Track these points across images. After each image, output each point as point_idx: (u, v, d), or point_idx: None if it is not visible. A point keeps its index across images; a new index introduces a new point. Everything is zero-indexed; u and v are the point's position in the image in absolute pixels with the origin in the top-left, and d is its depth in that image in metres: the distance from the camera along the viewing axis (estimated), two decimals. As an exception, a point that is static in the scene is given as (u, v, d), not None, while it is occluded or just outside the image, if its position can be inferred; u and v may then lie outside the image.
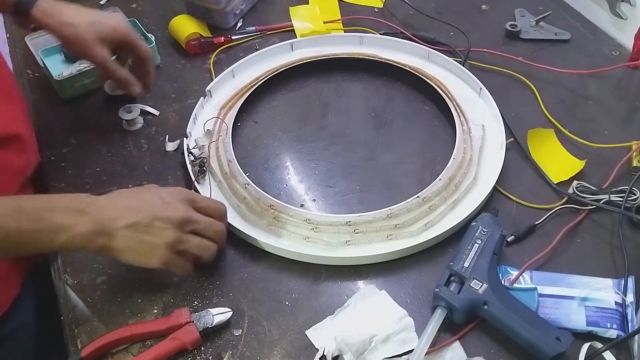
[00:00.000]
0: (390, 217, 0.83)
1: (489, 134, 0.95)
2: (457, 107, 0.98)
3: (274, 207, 0.84)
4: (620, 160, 0.90)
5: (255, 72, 1.05)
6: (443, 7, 1.22)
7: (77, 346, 0.73)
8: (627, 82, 1.06)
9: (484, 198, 0.86)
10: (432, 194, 0.85)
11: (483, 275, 0.74)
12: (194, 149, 0.91)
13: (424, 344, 0.70)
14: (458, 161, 0.90)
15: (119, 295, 0.78)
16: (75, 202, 0.69)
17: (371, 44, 1.11)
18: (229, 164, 0.89)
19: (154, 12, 1.19)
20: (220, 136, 0.93)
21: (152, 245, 0.70)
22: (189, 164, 0.89)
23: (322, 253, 0.80)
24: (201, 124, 0.96)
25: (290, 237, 0.82)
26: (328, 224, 0.82)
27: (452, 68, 1.06)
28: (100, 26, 0.88)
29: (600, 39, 1.15)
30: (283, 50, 1.09)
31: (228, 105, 0.99)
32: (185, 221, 0.72)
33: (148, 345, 0.73)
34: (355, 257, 0.80)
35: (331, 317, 0.76)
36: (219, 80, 1.02)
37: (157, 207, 0.71)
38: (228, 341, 0.74)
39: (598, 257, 0.82)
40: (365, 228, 0.82)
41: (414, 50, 1.09)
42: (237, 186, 0.87)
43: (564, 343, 0.68)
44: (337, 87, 1.07)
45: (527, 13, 1.19)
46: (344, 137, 0.99)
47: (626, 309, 0.74)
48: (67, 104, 1.02)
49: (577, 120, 0.99)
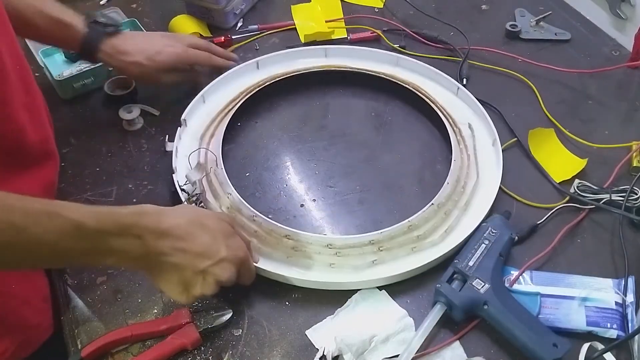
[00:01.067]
0: (412, 228, 0.81)
1: (477, 132, 0.95)
2: (442, 109, 0.98)
3: (290, 237, 0.80)
4: (620, 161, 0.90)
5: (225, 94, 1.01)
6: (443, 7, 1.22)
7: (77, 346, 0.73)
8: (627, 82, 1.06)
9: (495, 196, 0.85)
10: (444, 199, 0.85)
11: (486, 275, 0.74)
12: (185, 185, 0.86)
13: (419, 336, 0.71)
14: (459, 163, 0.89)
15: (119, 295, 0.78)
16: (135, 225, 0.65)
17: (337, 54, 1.08)
18: (229, 196, 0.84)
19: (154, 12, 1.19)
20: (211, 167, 0.88)
21: (188, 290, 0.69)
22: (185, 201, 0.84)
23: (350, 279, 0.78)
24: (183, 156, 0.90)
25: (314, 265, 0.79)
26: (351, 246, 0.79)
27: (424, 72, 1.05)
28: (163, 57, 0.95)
29: (600, 39, 1.15)
30: (249, 69, 1.05)
31: (208, 133, 0.94)
32: (227, 281, 0.71)
33: (148, 345, 0.73)
34: (385, 277, 0.77)
35: (331, 317, 0.75)
36: (191, 108, 0.97)
37: (211, 258, 0.69)
38: (228, 341, 0.74)
39: (598, 257, 0.82)
40: (389, 245, 0.80)
41: (382, 58, 1.07)
42: (243, 219, 0.82)
43: (560, 350, 0.68)
44: (309, 100, 1.05)
45: (527, 13, 1.19)
46: (344, 137, 0.99)
47: (626, 309, 0.74)
48: (67, 104, 1.02)
49: (578, 120, 0.99)
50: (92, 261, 0.69)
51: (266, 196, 0.90)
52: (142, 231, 0.65)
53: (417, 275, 0.79)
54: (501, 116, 0.99)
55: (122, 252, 0.65)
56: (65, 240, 0.62)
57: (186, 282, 0.69)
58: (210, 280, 0.69)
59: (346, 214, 0.87)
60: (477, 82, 1.04)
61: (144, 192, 0.89)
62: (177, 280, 0.69)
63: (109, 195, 0.89)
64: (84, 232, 0.62)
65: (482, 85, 1.03)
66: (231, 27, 1.16)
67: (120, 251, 0.65)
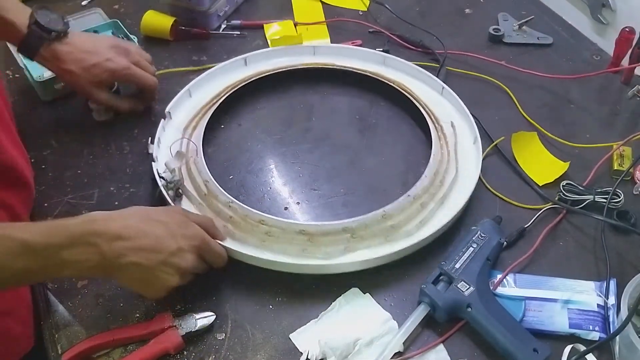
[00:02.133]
0: (385, 218, 0.82)
1: (459, 130, 0.96)
2: (425, 107, 0.98)
3: (265, 222, 0.81)
4: (601, 164, 0.91)
5: (212, 89, 1.01)
6: (427, 11, 1.23)
7: (57, 351, 0.72)
8: (608, 86, 1.08)
9: (471, 191, 0.86)
10: (420, 191, 0.85)
11: (472, 278, 0.75)
12: (164, 173, 0.86)
13: (401, 334, 0.71)
14: (438, 157, 0.90)
15: (100, 300, 0.77)
16: (86, 234, 0.66)
17: (325, 53, 1.08)
18: (206, 183, 0.86)
19: (136, 14, 1.18)
20: (192, 157, 0.90)
21: (154, 286, 0.71)
22: (163, 188, 0.84)
23: (322, 262, 0.78)
24: (165, 147, 0.91)
25: (287, 250, 0.79)
26: (324, 234, 0.80)
27: (411, 71, 1.06)
28: (98, 71, 0.91)
29: (581, 43, 1.16)
30: (237, 65, 1.05)
31: (192, 125, 0.95)
32: (191, 270, 0.73)
33: (130, 350, 0.72)
34: (357, 261, 0.78)
35: (315, 320, 0.75)
36: (177, 101, 0.98)
37: (166, 250, 0.69)
38: (211, 345, 0.73)
39: (581, 259, 0.82)
40: (362, 233, 0.81)
41: (369, 57, 1.07)
42: (219, 206, 0.83)
43: (540, 355, 0.69)
44: (294, 101, 1.06)
45: (510, 17, 1.20)
46: (328, 140, 0.99)
47: (608, 311, 0.75)
48: (47, 106, 1.01)
49: (560, 123, 1.00)
50: (51, 276, 0.72)
51: (250, 199, 0.89)
52: (94, 238, 0.66)
53: (402, 278, 0.79)
54: (478, 122, 0.98)
55: (77, 262, 0.65)
56: (19, 261, 0.62)
57: (149, 278, 0.70)
58: (172, 271, 0.70)
59: (330, 217, 0.87)
60: (456, 87, 1.03)
61: (125, 195, 0.89)
62: (140, 278, 0.69)
63: (90, 198, 0.88)
64: (34, 249, 0.62)
65: (461, 90, 1.03)
66: (214, 29, 1.16)
67: (74, 262, 0.65)
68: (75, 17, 1.14)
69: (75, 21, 1.13)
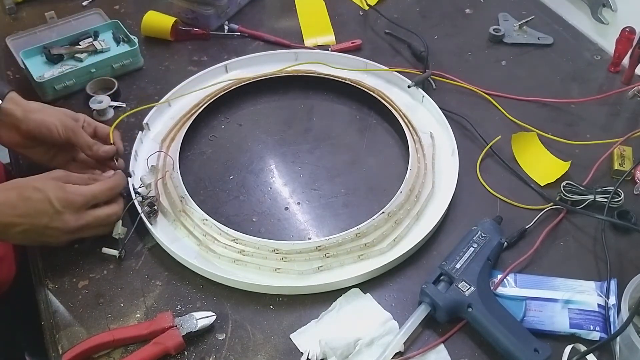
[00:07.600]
0: (359, 236, 0.81)
1: (437, 141, 0.95)
2: (404, 117, 0.98)
3: (239, 241, 0.80)
4: (600, 162, 0.91)
5: (191, 98, 1.00)
6: (427, 11, 1.23)
7: (58, 351, 0.72)
8: (608, 86, 1.07)
9: (446, 207, 0.85)
10: (396, 208, 0.84)
11: (472, 278, 0.75)
12: (140, 187, 0.85)
13: (401, 335, 0.71)
14: (415, 172, 0.89)
15: (101, 300, 0.77)
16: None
17: (307, 59, 1.07)
18: (182, 200, 0.84)
19: (136, 14, 1.18)
20: (167, 171, 0.87)
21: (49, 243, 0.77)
22: (138, 205, 0.83)
23: (294, 283, 0.77)
24: (143, 160, 0.90)
25: (260, 270, 0.78)
26: (297, 252, 0.79)
27: (391, 78, 1.05)
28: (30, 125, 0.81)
29: (582, 43, 1.16)
30: (217, 72, 1.04)
31: (169, 137, 0.93)
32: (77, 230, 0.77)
33: (130, 350, 0.72)
34: (330, 283, 0.77)
35: (316, 320, 0.75)
36: (155, 112, 0.96)
37: (46, 216, 0.74)
38: (212, 345, 0.73)
39: (581, 259, 0.82)
40: (335, 251, 0.80)
41: (352, 64, 1.06)
42: (194, 223, 0.82)
43: (541, 355, 0.69)
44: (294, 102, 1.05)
45: (511, 17, 1.20)
46: (328, 140, 0.99)
47: (609, 311, 0.75)
48: (48, 106, 1.01)
49: (560, 124, 1.00)
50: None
51: (250, 199, 0.89)
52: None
53: (402, 278, 0.79)
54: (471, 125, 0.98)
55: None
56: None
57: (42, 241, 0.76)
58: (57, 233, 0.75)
59: (331, 217, 0.87)
60: (446, 93, 1.03)
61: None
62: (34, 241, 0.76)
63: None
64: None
65: (448, 96, 1.03)
66: (215, 29, 1.16)
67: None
68: (76, 17, 1.14)
69: (75, 21, 1.14)
